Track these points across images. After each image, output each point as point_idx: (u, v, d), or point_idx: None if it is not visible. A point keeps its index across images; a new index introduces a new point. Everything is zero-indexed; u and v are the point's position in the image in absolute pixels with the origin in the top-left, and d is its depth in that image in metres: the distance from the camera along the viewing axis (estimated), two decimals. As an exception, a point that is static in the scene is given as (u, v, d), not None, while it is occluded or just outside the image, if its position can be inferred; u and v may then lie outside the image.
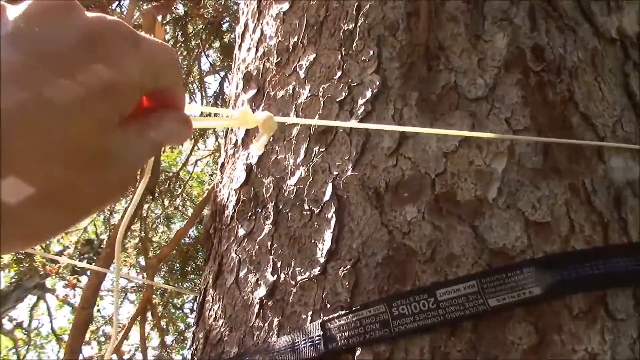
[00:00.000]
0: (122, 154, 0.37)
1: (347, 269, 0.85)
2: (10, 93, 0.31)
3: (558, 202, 0.82)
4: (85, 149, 0.34)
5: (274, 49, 1.19)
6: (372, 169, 0.90)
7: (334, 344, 0.79)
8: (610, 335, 0.75)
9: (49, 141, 0.33)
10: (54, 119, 0.33)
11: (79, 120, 0.34)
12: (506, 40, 0.95)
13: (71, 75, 0.33)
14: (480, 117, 0.89)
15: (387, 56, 0.99)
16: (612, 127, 0.91)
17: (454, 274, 0.79)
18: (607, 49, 0.99)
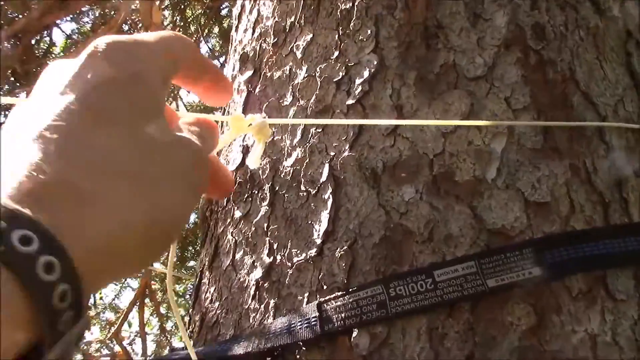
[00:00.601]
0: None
1: (343, 250, 0.83)
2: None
3: (558, 182, 0.81)
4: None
5: (271, 29, 1.18)
6: (369, 149, 0.89)
7: (330, 325, 0.78)
8: (611, 316, 0.74)
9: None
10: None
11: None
12: (506, 19, 0.93)
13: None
14: (480, 97, 0.88)
15: (385, 35, 0.98)
16: (613, 106, 0.89)
17: (452, 254, 0.78)
18: (610, 27, 0.97)
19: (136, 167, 0.36)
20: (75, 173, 0.33)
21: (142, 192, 0.36)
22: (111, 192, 0.34)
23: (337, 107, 0.96)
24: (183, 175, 0.40)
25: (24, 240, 0.28)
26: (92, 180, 0.33)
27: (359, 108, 0.93)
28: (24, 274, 0.28)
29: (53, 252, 0.29)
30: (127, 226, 0.34)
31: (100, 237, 0.33)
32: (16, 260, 0.28)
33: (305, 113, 0.99)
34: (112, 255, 0.34)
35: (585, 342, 0.72)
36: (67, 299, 0.30)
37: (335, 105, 0.96)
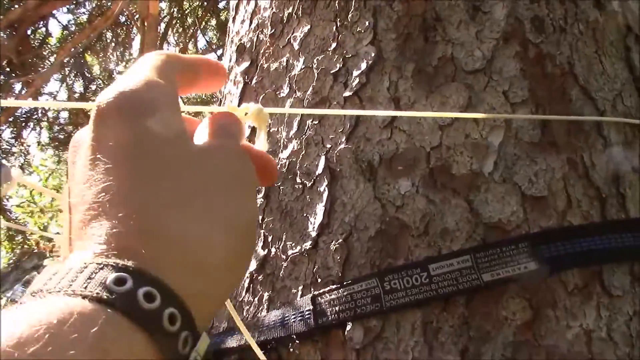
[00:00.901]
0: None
1: (338, 243, 0.83)
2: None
3: (555, 176, 0.80)
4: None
5: (268, 20, 1.17)
6: (365, 142, 0.88)
7: (324, 319, 0.78)
8: (606, 312, 0.73)
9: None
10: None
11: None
12: (505, 12, 0.93)
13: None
14: (477, 90, 0.87)
15: (383, 27, 0.97)
16: (612, 101, 0.89)
17: (447, 248, 0.77)
18: (609, 21, 0.97)
19: (188, 196, 0.37)
20: (152, 221, 0.35)
21: (211, 215, 0.37)
22: (182, 228, 0.36)
23: (334, 99, 0.95)
24: (233, 179, 0.40)
25: (148, 297, 0.31)
26: (165, 221, 0.35)
27: (356, 100, 0.92)
28: (153, 328, 0.31)
29: (173, 303, 0.32)
30: (211, 255, 0.36)
31: (196, 274, 0.35)
32: (145, 316, 0.31)
33: (301, 105, 0.99)
34: (211, 283, 0.36)
35: (580, 338, 0.71)
36: (188, 344, 0.33)
37: (332, 97, 0.95)
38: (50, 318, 0.28)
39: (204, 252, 0.36)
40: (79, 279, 0.30)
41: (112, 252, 0.33)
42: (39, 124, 5.90)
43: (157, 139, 0.38)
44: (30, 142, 6.24)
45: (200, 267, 0.35)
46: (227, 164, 0.41)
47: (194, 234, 0.36)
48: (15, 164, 6.17)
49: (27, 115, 5.63)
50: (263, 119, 0.55)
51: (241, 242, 0.39)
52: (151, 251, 0.33)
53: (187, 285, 0.34)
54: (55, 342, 0.27)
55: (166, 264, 0.34)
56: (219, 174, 0.40)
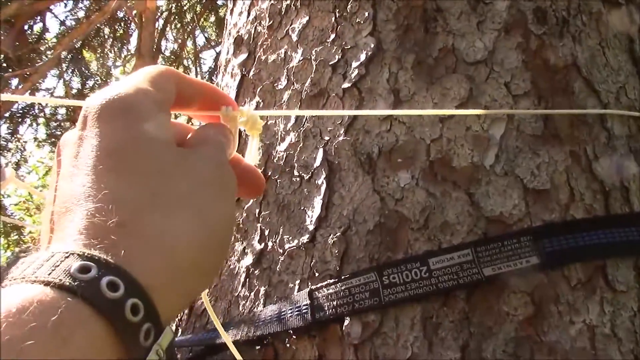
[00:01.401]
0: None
1: (336, 237, 0.81)
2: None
3: (558, 169, 0.79)
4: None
5: (266, 12, 1.15)
6: (364, 134, 0.87)
7: (321, 314, 0.76)
8: (610, 307, 0.72)
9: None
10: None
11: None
12: (507, 3, 0.91)
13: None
14: (479, 82, 0.85)
15: (383, 18, 0.95)
16: (615, 93, 0.87)
17: (448, 242, 0.76)
18: (613, 13, 0.95)
19: (166, 194, 0.38)
20: (125, 215, 0.35)
21: (185, 214, 0.38)
22: (155, 224, 0.36)
23: (333, 91, 0.93)
24: (212, 185, 0.41)
25: (112, 286, 0.31)
26: (139, 216, 0.36)
27: (355, 92, 0.91)
28: (114, 317, 0.31)
29: (136, 294, 0.32)
30: (181, 252, 0.37)
31: (163, 269, 0.35)
32: (107, 305, 0.31)
33: (300, 97, 0.97)
34: (179, 279, 0.37)
35: (583, 333, 0.69)
36: (150, 336, 0.33)
37: (331, 89, 0.94)
38: (9, 307, 0.28)
39: (175, 248, 0.36)
40: (44, 267, 0.31)
41: (82, 242, 0.33)
42: (35, 120, 5.88)
43: (140, 141, 0.39)
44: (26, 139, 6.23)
45: (170, 262, 0.36)
46: (208, 169, 0.42)
47: (168, 230, 0.36)
48: (12, 160, 6.15)
49: (23, 111, 5.61)
50: (257, 128, 0.55)
51: (214, 243, 0.40)
52: (121, 242, 0.34)
53: (155, 278, 0.34)
54: (12, 332, 0.27)
55: (135, 255, 0.34)
56: (199, 178, 0.41)
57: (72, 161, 0.39)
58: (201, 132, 0.47)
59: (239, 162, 0.51)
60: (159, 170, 0.39)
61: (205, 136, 0.46)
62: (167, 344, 0.34)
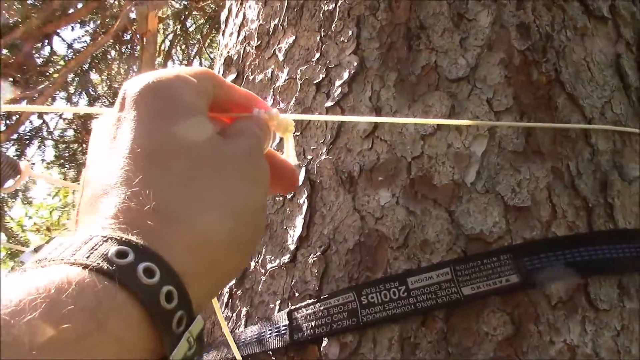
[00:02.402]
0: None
1: (316, 256, 0.80)
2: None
3: (539, 185, 0.78)
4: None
5: (255, 32, 1.15)
6: (346, 153, 0.86)
7: (299, 334, 0.75)
8: (592, 327, 0.70)
9: None
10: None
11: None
12: (490, 19, 0.90)
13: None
14: (461, 98, 0.84)
15: (367, 36, 0.95)
16: (600, 108, 0.86)
17: (427, 260, 0.75)
18: (598, 28, 0.94)
19: (201, 179, 0.39)
20: (161, 201, 0.36)
21: (220, 201, 0.39)
22: (190, 209, 0.37)
23: (317, 110, 0.93)
24: (242, 172, 0.42)
25: (148, 272, 0.32)
26: (174, 202, 0.36)
27: (338, 110, 0.90)
28: (149, 303, 0.31)
29: (171, 281, 0.33)
30: (214, 237, 0.37)
31: (196, 254, 0.36)
32: (142, 291, 0.31)
33: (284, 116, 0.96)
34: (212, 267, 0.37)
35: (564, 354, 0.68)
36: (182, 324, 0.33)
37: (315, 108, 0.93)
38: (49, 287, 0.28)
39: (208, 233, 0.37)
40: (82, 250, 0.31)
41: (119, 226, 0.34)
42: (43, 142, 5.93)
43: (180, 126, 0.40)
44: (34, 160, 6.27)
45: (204, 247, 0.36)
46: (244, 160, 0.43)
47: (202, 218, 0.37)
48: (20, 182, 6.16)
49: (31, 133, 5.66)
50: (289, 130, 0.55)
51: (246, 229, 0.40)
52: (157, 228, 0.34)
53: (189, 265, 0.35)
54: (51, 312, 0.27)
55: (170, 241, 0.34)
56: (235, 168, 0.41)
57: (109, 143, 0.39)
58: (239, 124, 0.48)
59: (274, 157, 0.52)
60: (196, 158, 0.39)
61: (243, 128, 0.47)
62: (197, 332, 0.34)
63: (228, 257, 0.39)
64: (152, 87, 0.41)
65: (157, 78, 0.42)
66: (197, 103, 0.43)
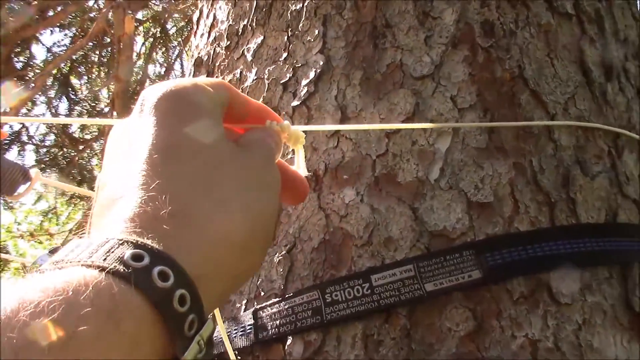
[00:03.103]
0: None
1: (282, 255, 0.80)
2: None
3: (502, 181, 0.78)
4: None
5: (225, 33, 1.15)
6: (312, 151, 0.86)
7: (264, 333, 0.75)
8: (554, 321, 0.70)
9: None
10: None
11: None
12: (455, 16, 0.91)
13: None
14: (425, 96, 0.85)
15: (333, 35, 0.95)
16: (563, 104, 0.87)
17: (391, 258, 0.75)
18: (562, 24, 0.95)
19: (218, 186, 0.40)
20: (177, 205, 0.37)
21: (233, 208, 0.39)
22: (206, 215, 0.38)
23: (283, 109, 0.93)
24: (257, 180, 0.43)
25: (162, 275, 0.32)
26: (190, 207, 0.37)
27: (304, 109, 0.90)
28: (163, 307, 0.32)
29: (184, 285, 0.34)
30: (228, 242, 0.38)
31: (210, 259, 0.37)
32: (157, 294, 0.32)
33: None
34: (224, 271, 0.38)
35: (525, 348, 0.68)
36: (194, 327, 0.34)
37: (281, 107, 0.93)
38: (67, 289, 0.29)
39: (223, 238, 0.38)
40: (99, 252, 0.32)
41: (134, 229, 0.35)
42: (23, 148, 5.89)
43: (197, 134, 0.41)
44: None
45: (218, 254, 0.37)
46: (258, 168, 0.44)
47: (217, 223, 0.38)
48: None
49: (11, 138, 5.61)
50: (300, 141, 0.56)
51: (259, 234, 0.41)
52: (172, 232, 0.35)
53: (202, 269, 0.35)
54: (69, 314, 0.28)
55: (185, 246, 0.35)
56: (249, 176, 0.42)
57: (127, 147, 0.41)
58: (253, 134, 0.49)
59: (285, 168, 0.53)
60: (212, 164, 0.40)
61: (257, 138, 0.48)
62: (208, 335, 0.35)
63: (240, 261, 0.40)
64: (170, 94, 0.42)
65: (176, 86, 0.43)
66: (214, 110, 0.44)
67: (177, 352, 0.33)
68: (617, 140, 0.88)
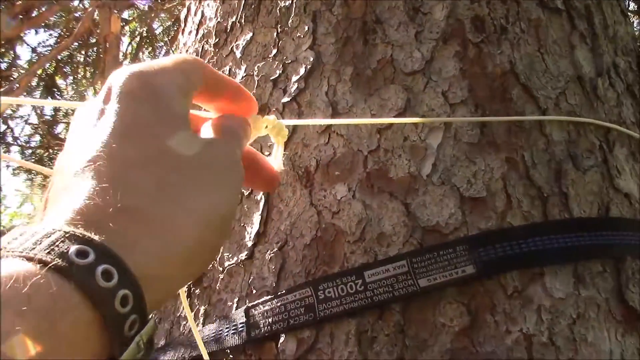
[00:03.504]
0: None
1: (273, 252, 0.80)
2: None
3: (494, 176, 0.78)
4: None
5: (213, 30, 1.14)
6: (303, 148, 0.85)
7: (257, 331, 0.74)
8: (548, 315, 0.70)
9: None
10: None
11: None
12: (445, 12, 0.91)
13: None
14: (416, 91, 0.84)
15: (323, 31, 0.94)
16: (554, 99, 0.86)
17: (384, 254, 0.74)
18: (553, 19, 0.95)
19: (175, 183, 0.38)
20: (130, 200, 0.35)
21: (190, 205, 0.38)
22: (160, 213, 0.36)
23: (273, 106, 0.92)
24: (218, 178, 0.41)
25: (106, 275, 0.31)
26: (143, 203, 0.36)
27: (295, 106, 0.90)
28: (104, 307, 0.31)
29: (128, 285, 0.32)
30: (180, 242, 0.37)
31: (160, 258, 0.35)
32: (99, 294, 0.31)
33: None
34: (172, 270, 0.37)
35: (520, 343, 0.68)
36: (135, 328, 0.33)
37: (271, 104, 0.93)
38: (5, 282, 0.28)
39: (173, 237, 0.36)
40: (43, 244, 0.31)
41: (81, 222, 0.33)
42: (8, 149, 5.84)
43: (158, 126, 0.39)
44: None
45: (167, 252, 0.36)
46: (220, 163, 0.42)
47: (168, 219, 0.36)
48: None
49: (-4, 139, 5.58)
50: (282, 135, 0.56)
51: (212, 236, 0.40)
52: (121, 229, 0.34)
53: (148, 267, 0.34)
54: (5, 312, 0.27)
55: (134, 244, 0.34)
56: (209, 171, 0.41)
57: (88, 133, 0.39)
58: (221, 122, 0.47)
59: (254, 156, 0.53)
60: (171, 161, 0.39)
61: (224, 127, 0.47)
62: (148, 335, 0.34)
63: (190, 262, 0.38)
64: (137, 83, 0.40)
65: (142, 71, 0.41)
66: (180, 99, 0.42)
67: (115, 351, 0.32)
68: (607, 134, 0.88)
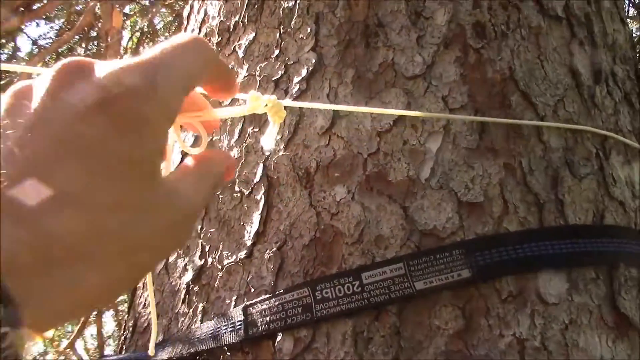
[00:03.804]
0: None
1: (272, 252, 0.81)
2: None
3: (492, 181, 0.79)
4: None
5: (216, 29, 1.15)
6: (303, 149, 0.86)
7: (254, 330, 0.75)
8: (541, 320, 0.71)
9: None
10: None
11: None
12: (447, 17, 0.91)
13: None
14: (417, 96, 0.85)
15: (325, 33, 0.95)
16: (553, 106, 0.87)
17: (381, 256, 0.75)
18: (553, 27, 0.96)
19: (117, 230, 0.32)
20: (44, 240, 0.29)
21: (123, 254, 0.33)
22: (92, 259, 0.31)
23: (275, 106, 0.93)
24: (165, 235, 0.36)
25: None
26: (55, 216, 0.30)
27: (296, 107, 0.90)
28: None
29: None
30: (82, 296, 0.32)
31: (56, 314, 0.31)
32: None
33: (243, 112, 0.96)
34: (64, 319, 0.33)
35: (513, 347, 0.69)
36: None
37: (273, 104, 0.93)
38: None
39: (80, 301, 0.32)
40: None
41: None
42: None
43: (126, 165, 0.33)
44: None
45: (68, 313, 0.32)
46: (173, 219, 0.36)
47: (79, 280, 0.31)
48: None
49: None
50: (280, 116, 0.55)
51: (124, 283, 0.35)
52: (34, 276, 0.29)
53: (40, 318, 0.30)
54: None
55: (26, 250, 0.29)
56: (153, 226, 0.35)
57: (17, 112, 0.32)
58: (194, 163, 0.41)
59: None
60: (122, 205, 0.32)
61: (195, 168, 0.40)
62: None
63: (96, 303, 0.34)
64: (114, 105, 0.32)
65: (128, 95, 0.33)
66: (161, 135, 0.35)
67: None
68: (604, 142, 0.89)
